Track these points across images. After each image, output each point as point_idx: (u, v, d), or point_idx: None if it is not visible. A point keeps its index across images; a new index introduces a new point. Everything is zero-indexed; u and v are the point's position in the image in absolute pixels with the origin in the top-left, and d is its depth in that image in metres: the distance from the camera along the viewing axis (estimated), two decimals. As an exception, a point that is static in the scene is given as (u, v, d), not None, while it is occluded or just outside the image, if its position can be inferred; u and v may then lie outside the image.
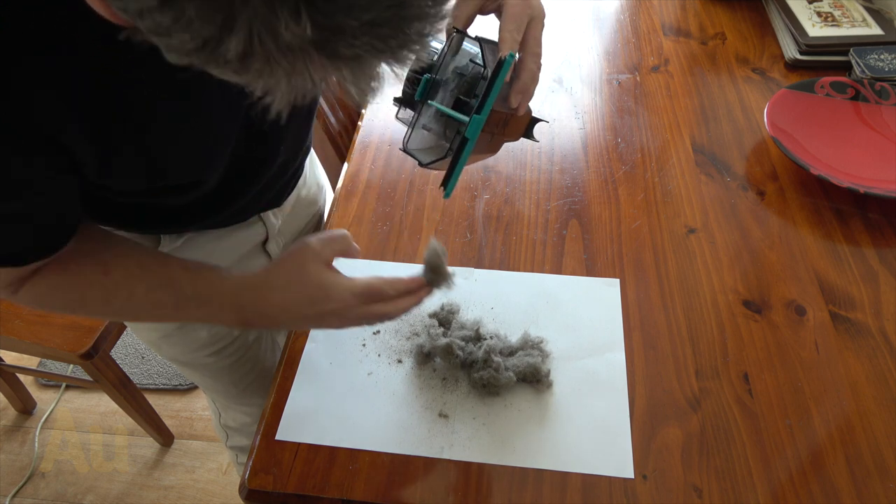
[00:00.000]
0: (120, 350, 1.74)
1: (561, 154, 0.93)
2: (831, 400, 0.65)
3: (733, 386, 0.66)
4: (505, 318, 0.73)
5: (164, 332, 0.81)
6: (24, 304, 0.57)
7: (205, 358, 0.85)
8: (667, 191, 0.87)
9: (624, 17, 1.21)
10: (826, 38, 1.06)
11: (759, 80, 1.05)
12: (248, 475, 0.61)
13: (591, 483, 0.60)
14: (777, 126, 0.91)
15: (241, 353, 0.88)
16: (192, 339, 0.82)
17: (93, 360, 1.21)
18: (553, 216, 0.84)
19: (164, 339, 0.82)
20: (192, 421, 1.60)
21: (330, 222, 0.85)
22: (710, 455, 0.61)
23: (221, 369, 0.88)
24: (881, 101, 0.96)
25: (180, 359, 0.87)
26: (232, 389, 0.93)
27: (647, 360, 0.69)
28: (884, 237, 0.81)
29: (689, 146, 0.94)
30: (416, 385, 0.68)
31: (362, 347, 0.71)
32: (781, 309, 0.73)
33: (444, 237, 0.82)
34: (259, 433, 0.64)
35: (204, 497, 1.47)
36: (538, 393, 0.66)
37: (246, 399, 0.96)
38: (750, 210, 0.84)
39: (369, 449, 0.63)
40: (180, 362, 0.88)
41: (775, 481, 0.60)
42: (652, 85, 1.05)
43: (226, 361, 0.87)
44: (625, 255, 0.79)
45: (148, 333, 0.83)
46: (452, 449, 0.62)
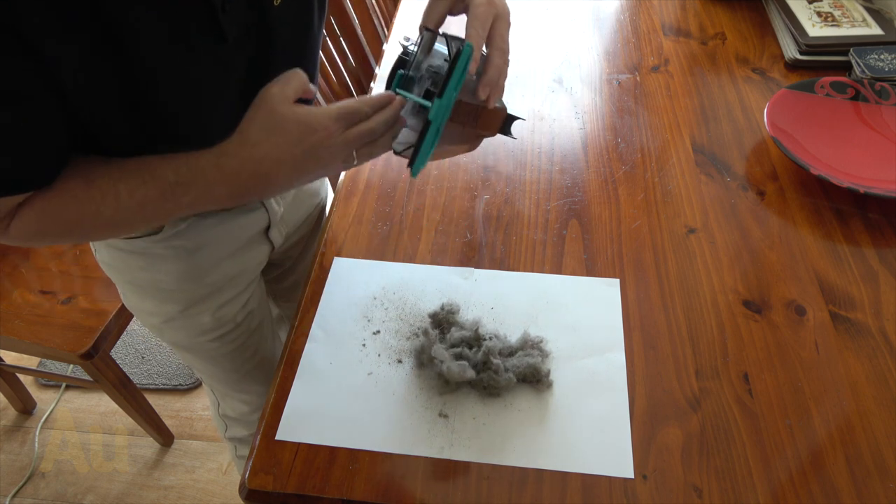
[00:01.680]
0: (120, 350, 1.74)
1: (561, 154, 0.93)
2: (831, 400, 0.65)
3: (733, 386, 0.66)
4: (505, 318, 0.73)
5: (167, 316, 0.81)
6: (17, 242, 0.55)
7: (207, 343, 0.86)
8: (667, 191, 0.87)
9: (624, 17, 1.21)
10: (826, 38, 1.06)
11: (759, 80, 1.05)
12: (248, 475, 0.61)
13: (590, 483, 0.60)
14: (777, 126, 0.91)
15: (243, 338, 0.89)
16: (195, 324, 0.83)
17: (93, 360, 1.21)
18: (553, 216, 0.84)
19: (166, 323, 0.83)
20: (192, 421, 1.61)
21: (330, 222, 0.85)
22: (710, 455, 0.61)
23: (223, 355, 0.89)
24: (881, 101, 0.96)
25: (183, 343, 0.87)
26: (233, 376, 0.94)
27: (647, 360, 0.69)
28: (884, 237, 0.81)
29: (689, 146, 0.94)
30: (416, 385, 0.68)
31: (362, 347, 0.71)
32: (781, 309, 0.73)
33: (443, 237, 0.82)
34: (259, 433, 0.64)
35: (204, 497, 1.47)
36: (538, 393, 0.66)
37: (245, 386, 0.97)
38: (750, 210, 0.84)
39: (369, 449, 0.63)
40: (182, 347, 0.88)
41: (775, 481, 0.60)
42: (652, 85, 1.05)
43: (228, 347, 0.88)
44: (625, 255, 0.79)
45: (151, 318, 0.84)
46: (452, 449, 0.62)
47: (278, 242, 0.87)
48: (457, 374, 0.65)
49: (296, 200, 0.89)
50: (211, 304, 0.81)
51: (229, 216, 0.76)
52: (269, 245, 0.85)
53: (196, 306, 0.81)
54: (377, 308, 0.75)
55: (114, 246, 0.76)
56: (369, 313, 0.74)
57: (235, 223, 0.77)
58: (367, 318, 0.74)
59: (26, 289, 1.28)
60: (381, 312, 0.74)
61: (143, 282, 0.79)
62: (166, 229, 0.72)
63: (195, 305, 0.80)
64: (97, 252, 0.79)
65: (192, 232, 0.74)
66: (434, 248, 0.81)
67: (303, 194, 0.90)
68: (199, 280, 0.78)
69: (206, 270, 0.78)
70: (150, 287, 0.79)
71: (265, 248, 0.85)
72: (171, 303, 0.80)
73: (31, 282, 1.29)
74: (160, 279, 0.77)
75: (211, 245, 0.77)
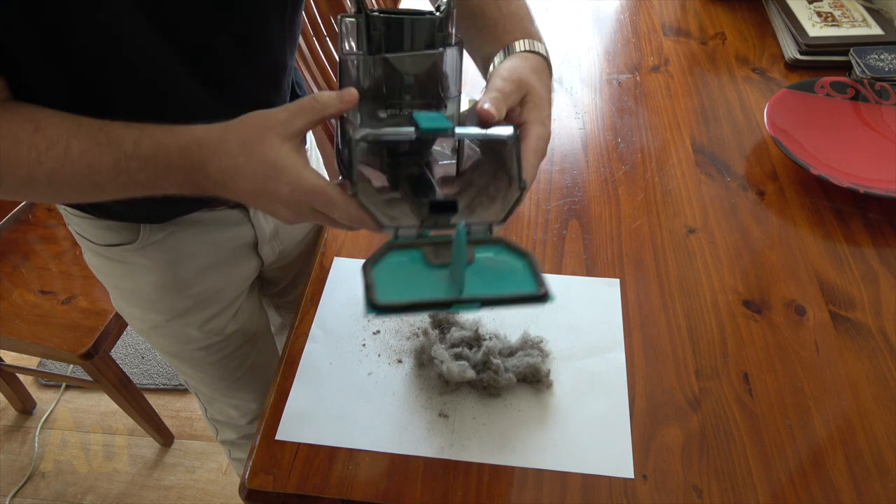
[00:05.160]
0: (120, 350, 1.74)
1: (561, 154, 0.93)
2: (831, 400, 0.65)
3: (733, 386, 0.66)
4: (504, 318, 0.73)
5: (153, 323, 0.81)
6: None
7: (195, 352, 0.85)
8: (667, 191, 0.87)
9: (624, 17, 1.21)
10: (826, 38, 1.06)
11: (759, 80, 1.05)
12: (248, 475, 0.61)
13: (590, 483, 0.60)
14: (777, 126, 0.91)
15: (231, 349, 0.88)
16: (182, 334, 0.82)
17: (93, 360, 1.21)
18: (553, 216, 0.84)
19: (153, 329, 0.82)
20: (192, 421, 1.60)
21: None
22: (710, 455, 0.61)
23: (211, 364, 0.88)
24: (881, 101, 0.96)
25: (170, 350, 0.86)
26: (220, 383, 0.92)
27: (647, 360, 0.69)
28: (884, 237, 0.81)
29: (689, 146, 0.94)
30: (416, 385, 0.68)
31: (362, 347, 0.71)
32: (781, 309, 0.73)
33: (444, 237, 0.82)
34: (259, 433, 0.64)
35: (204, 497, 1.47)
36: (538, 393, 0.66)
37: (233, 393, 0.95)
38: (750, 210, 0.84)
39: (369, 449, 0.63)
40: (170, 353, 0.87)
41: (775, 481, 0.60)
42: (652, 85, 1.05)
43: (215, 357, 0.87)
44: (625, 255, 0.79)
45: (138, 323, 0.83)
46: (452, 449, 0.62)
47: (270, 259, 0.84)
48: (457, 374, 0.65)
49: None
50: (197, 316, 0.80)
51: (211, 229, 0.74)
52: (257, 260, 0.83)
53: (181, 317, 0.79)
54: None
55: (96, 252, 0.74)
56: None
57: (217, 236, 0.75)
58: (367, 318, 0.74)
59: (26, 289, 1.28)
60: (381, 312, 0.74)
61: (126, 289, 0.78)
62: (143, 238, 0.70)
63: (180, 317, 0.79)
64: (85, 254, 0.78)
65: (171, 243, 0.72)
66: (434, 248, 0.81)
67: None
68: (181, 292, 0.77)
69: (188, 282, 0.76)
70: (133, 295, 0.78)
71: (253, 262, 0.83)
72: (154, 312, 0.79)
73: (31, 282, 1.29)
74: (141, 289, 0.76)
75: (191, 257, 0.75)
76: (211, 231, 0.75)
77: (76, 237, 0.76)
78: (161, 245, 0.72)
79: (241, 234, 0.78)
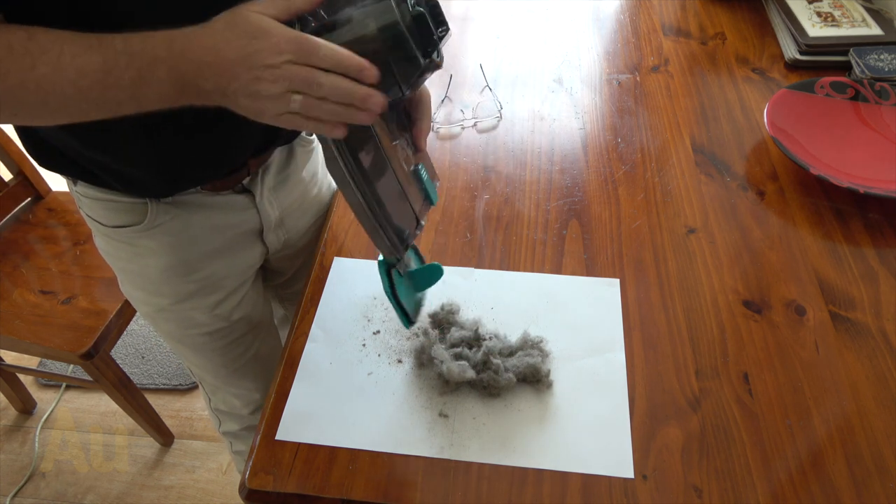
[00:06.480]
0: (120, 350, 1.74)
1: (561, 154, 0.93)
2: (831, 400, 0.65)
3: (733, 386, 0.66)
4: (505, 318, 0.73)
5: (158, 306, 0.82)
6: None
7: (198, 336, 0.86)
8: (667, 191, 0.87)
9: (624, 17, 1.21)
10: (826, 38, 1.06)
11: (759, 80, 1.05)
12: (248, 475, 0.61)
13: (591, 483, 0.60)
14: (777, 126, 0.91)
15: (235, 335, 0.89)
16: (187, 318, 0.83)
17: (93, 360, 1.21)
18: (553, 216, 0.84)
19: (158, 313, 0.83)
20: (192, 421, 1.61)
21: (330, 221, 0.85)
22: (710, 455, 0.61)
23: (214, 350, 0.89)
24: (881, 101, 0.96)
25: (174, 334, 0.87)
26: (223, 370, 0.93)
27: (647, 360, 0.69)
28: (884, 237, 0.81)
29: (689, 146, 0.94)
30: (416, 385, 0.68)
31: (362, 347, 0.71)
32: (781, 309, 0.73)
33: (444, 237, 0.82)
34: (259, 433, 0.64)
35: (204, 497, 1.47)
36: (538, 393, 0.66)
37: (236, 381, 0.96)
38: (750, 210, 0.84)
39: (369, 449, 0.63)
40: (174, 338, 0.88)
41: (775, 481, 0.60)
42: (652, 85, 1.05)
43: (219, 343, 0.88)
44: (625, 255, 0.79)
45: (143, 307, 0.84)
46: (452, 449, 0.62)
47: (275, 247, 0.86)
48: (457, 374, 0.65)
49: (301, 208, 0.88)
50: (202, 301, 0.81)
51: (217, 214, 0.76)
52: (262, 247, 0.85)
53: (186, 301, 0.81)
54: (377, 308, 0.75)
55: (105, 234, 0.76)
56: (369, 313, 0.74)
57: (223, 221, 0.77)
58: (367, 318, 0.74)
59: (26, 289, 1.28)
60: (381, 312, 0.74)
61: (133, 272, 0.79)
62: (150, 219, 0.72)
63: (185, 301, 0.81)
64: (95, 238, 0.80)
65: (178, 227, 0.74)
66: (434, 248, 0.81)
67: (309, 202, 0.89)
68: (187, 276, 0.78)
69: (194, 266, 0.78)
70: (140, 278, 0.80)
71: (258, 250, 0.85)
72: (160, 295, 0.80)
73: (31, 282, 1.29)
74: (148, 272, 0.78)
75: (197, 241, 0.77)
76: (217, 216, 0.76)
77: (87, 220, 0.77)
78: (167, 227, 0.73)
79: (247, 220, 0.80)
